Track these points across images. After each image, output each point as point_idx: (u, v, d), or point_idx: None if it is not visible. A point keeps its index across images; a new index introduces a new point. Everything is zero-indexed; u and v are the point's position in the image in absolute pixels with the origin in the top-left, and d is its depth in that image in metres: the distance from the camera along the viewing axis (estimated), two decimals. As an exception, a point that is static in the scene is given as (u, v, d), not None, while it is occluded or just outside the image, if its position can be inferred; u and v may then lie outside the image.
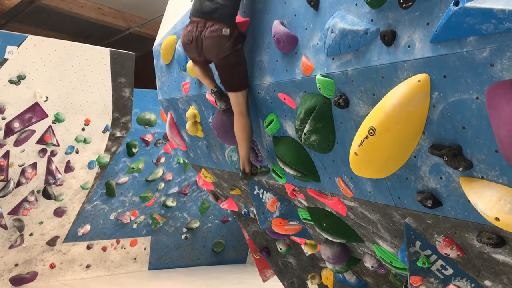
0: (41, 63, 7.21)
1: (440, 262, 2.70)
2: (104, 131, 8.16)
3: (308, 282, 5.18)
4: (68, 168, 8.05)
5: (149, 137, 8.83)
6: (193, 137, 4.65)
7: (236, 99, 3.38)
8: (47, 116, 7.41)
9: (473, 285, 2.63)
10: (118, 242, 9.68)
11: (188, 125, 4.42)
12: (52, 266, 8.81)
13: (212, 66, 3.55)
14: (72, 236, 8.92)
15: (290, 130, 3.26)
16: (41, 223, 8.29)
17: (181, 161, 9.48)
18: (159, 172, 9.30)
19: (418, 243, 2.73)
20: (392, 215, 2.81)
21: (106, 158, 8.42)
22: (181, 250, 10.68)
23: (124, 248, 9.82)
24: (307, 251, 4.61)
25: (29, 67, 7.10)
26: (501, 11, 1.70)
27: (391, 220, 2.88)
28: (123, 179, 8.95)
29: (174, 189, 9.81)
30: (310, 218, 3.80)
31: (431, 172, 2.32)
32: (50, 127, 7.52)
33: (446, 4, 1.96)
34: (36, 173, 7.65)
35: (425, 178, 2.37)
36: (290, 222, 4.16)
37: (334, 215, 3.49)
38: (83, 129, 7.91)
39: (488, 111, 1.91)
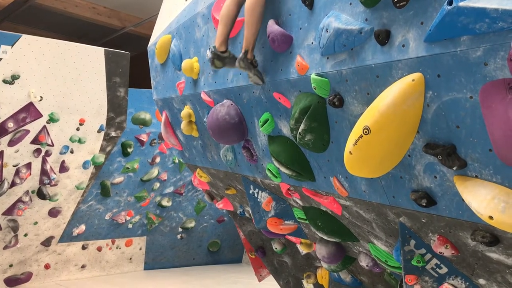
0: (35, 63, 7.17)
1: (434, 260, 2.71)
2: (99, 131, 8.13)
3: (304, 282, 5.18)
4: (63, 168, 8.02)
5: (144, 137, 8.80)
6: (188, 136, 4.65)
7: None
8: (41, 116, 7.38)
9: (467, 283, 2.64)
10: (113, 242, 9.65)
11: (183, 124, 4.41)
12: (47, 266, 8.78)
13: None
14: (67, 236, 8.89)
15: (285, 130, 3.25)
16: (35, 223, 8.25)
17: (177, 161, 9.46)
18: (154, 172, 9.28)
19: (412, 242, 2.73)
20: (387, 214, 2.82)
21: (101, 158, 8.39)
22: (176, 250, 10.66)
23: (120, 248, 9.79)
24: (303, 250, 4.61)
25: (23, 66, 7.06)
26: (495, 10, 1.71)
27: (386, 219, 2.88)
28: (118, 179, 8.93)
29: (170, 189, 9.79)
30: (305, 218, 3.80)
31: (426, 171, 2.32)
32: (44, 127, 7.49)
33: (440, 3, 1.96)
34: (30, 173, 7.62)
35: (420, 177, 2.38)
36: (285, 222, 4.16)
37: (329, 214, 3.49)
38: (77, 129, 7.88)
39: (482, 110, 1.91)
